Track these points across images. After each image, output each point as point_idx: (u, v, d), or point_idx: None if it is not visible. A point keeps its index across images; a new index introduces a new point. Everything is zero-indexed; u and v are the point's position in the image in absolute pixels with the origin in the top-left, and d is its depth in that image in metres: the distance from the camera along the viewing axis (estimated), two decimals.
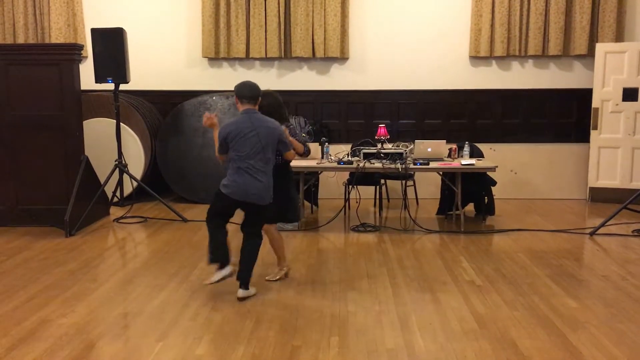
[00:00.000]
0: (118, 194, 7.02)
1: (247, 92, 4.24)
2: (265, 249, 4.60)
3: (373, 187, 7.23)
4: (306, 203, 6.94)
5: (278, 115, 4.52)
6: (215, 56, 7.88)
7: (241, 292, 4.23)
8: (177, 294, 4.36)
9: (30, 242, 5.77)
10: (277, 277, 4.66)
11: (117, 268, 5.03)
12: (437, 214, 6.92)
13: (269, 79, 7.97)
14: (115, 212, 6.92)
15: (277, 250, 4.69)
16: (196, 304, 4.16)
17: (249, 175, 4.16)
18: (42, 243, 5.75)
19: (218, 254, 4.24)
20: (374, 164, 6.19)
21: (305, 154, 4.77)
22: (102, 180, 6.68)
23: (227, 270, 4.22)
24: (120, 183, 6.93)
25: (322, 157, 6.41)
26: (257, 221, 4.37)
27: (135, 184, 7.00)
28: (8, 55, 6.23)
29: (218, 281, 4.22)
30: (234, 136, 4.17)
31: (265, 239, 4.47)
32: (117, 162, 6.77)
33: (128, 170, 6.87)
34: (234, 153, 4.19)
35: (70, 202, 6.08)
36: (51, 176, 6.28)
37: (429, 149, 6.33)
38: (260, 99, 4.31)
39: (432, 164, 6.18)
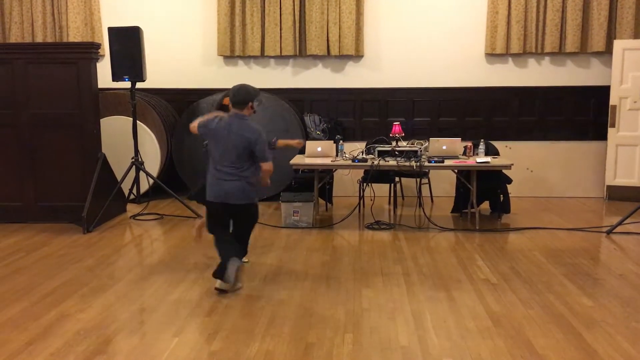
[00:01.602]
0: (134, 191, 7.09)
1: (231, 96, 4.39)
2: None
3: (388, 185, 7.22)
4: (321, 200, 6.96)
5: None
6: (231, 54, 7.92)
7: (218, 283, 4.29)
8: (192, 290, 4.40)
9: (49, 239, 5.85)
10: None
11: (134, 264, 5.09)
12: (452, 212, 6.90)
13: (284, 77, 8.00)
14: (131, 209, 6.99)
15: None
16: (211, 300, 4.19)
17: (220, 179, 4.34)
18: (60, 239, 5.82)
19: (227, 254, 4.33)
20: (388, 161, 6.19)
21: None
22: (119, 178, 6.75)
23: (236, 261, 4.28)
24: (136, 180, 7.00)
25: (337, 155, 6.42)
26: (245, 224, 4.53)
27: (151, 181, 7.07)
28: (26, 54, 6.32)
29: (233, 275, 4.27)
30: (208, 133, 4.40)
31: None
32: (133, 160, 6.83)
33: (144, 167, 6.93)
34: (211, 153, 4.41)
35: (87, 199, 6.15)
36: (69, 173, 6.36)
37: (444, 147, 6.31)
38: (250, 103, 4.37)
39: (447, 162, 6.16)
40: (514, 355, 3.33)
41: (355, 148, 6.71)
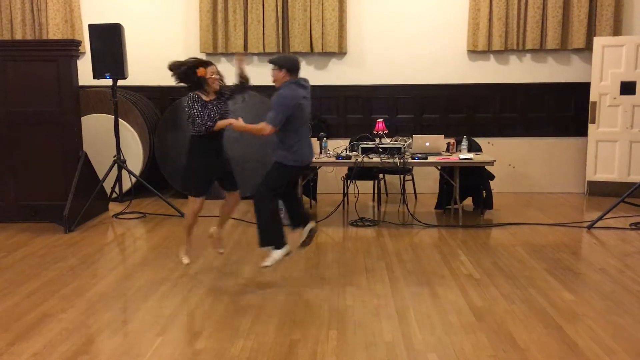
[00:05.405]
0: (117, 189, 7.04)
1: (290, 64, 4.81)
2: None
3: (371, 182, 7.23)
4: (305, 198, 6.96)
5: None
6: (214, 51, 7.87)
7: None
8: (176, 289, 4.38)
9: (30, 238, 5.78)
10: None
11: (117, 263, 5.05)
12: (436, 208, 6.94)
13: (267, 74, 7.89)
14: (114, 207, 6.93)
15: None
16: (195, 299, 4.18)
17: (307, 140, 4.59)
18: (41, 239, 5.76)
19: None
20: (372, 158, 6.21)
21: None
22: (100, 176, 6.70)
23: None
24: (119, 179, 6.94)
25: (321, 152, 6.42)
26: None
27: (133, 179, 7.01)
28: (5, 52, 6.23)
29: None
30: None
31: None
32: (115, 158, 6.77)
33: (127, 166, 6.88)
34: (296, 122, 4.54)
35: (69, 198, 6.09)
36: (50, 172, 6.29)
37: (427, 144, 6.34)
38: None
39: (431, 159, 6.19)
40: (496, 349, 3.37)
41: (338, 145, 6.72)
